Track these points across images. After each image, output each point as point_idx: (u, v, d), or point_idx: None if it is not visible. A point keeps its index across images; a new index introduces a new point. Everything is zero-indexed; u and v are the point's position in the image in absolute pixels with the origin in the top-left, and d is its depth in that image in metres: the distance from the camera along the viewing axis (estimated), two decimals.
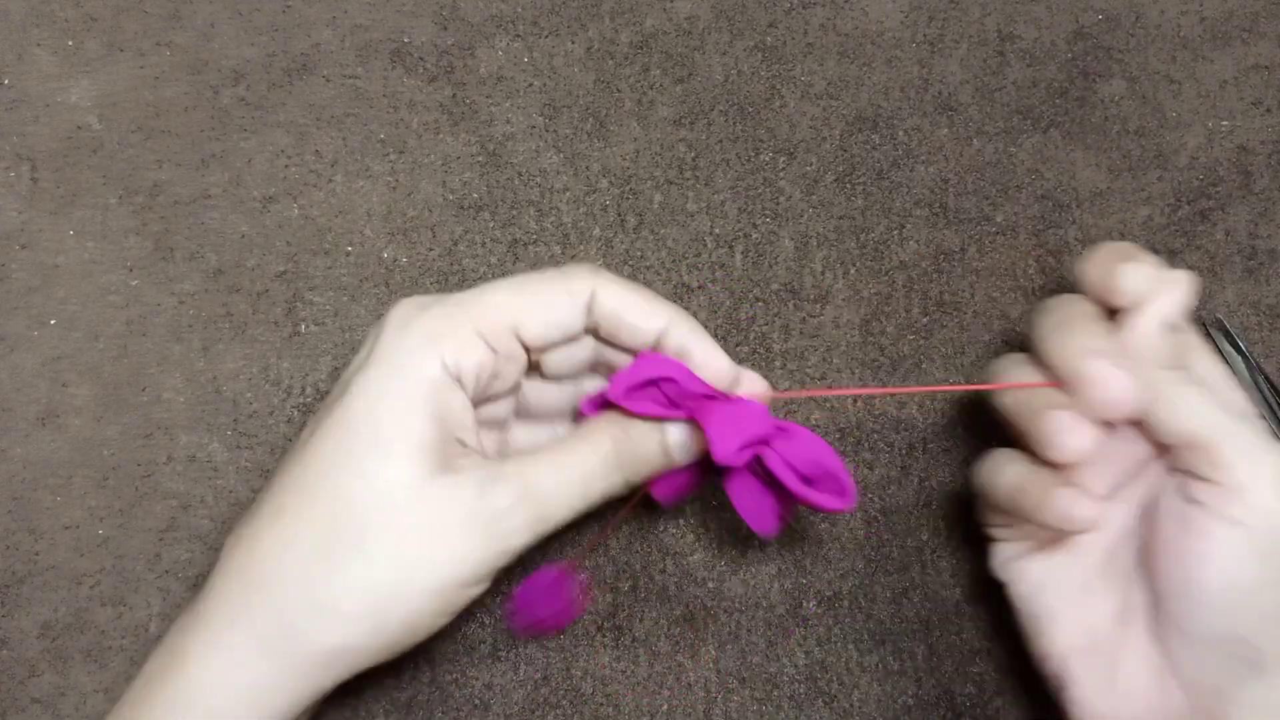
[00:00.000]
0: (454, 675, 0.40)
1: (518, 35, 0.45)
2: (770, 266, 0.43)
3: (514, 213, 0.43)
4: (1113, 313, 0.35)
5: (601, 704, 0.40)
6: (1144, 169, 0.45)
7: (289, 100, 0.43)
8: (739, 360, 0.36)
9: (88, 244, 0.42)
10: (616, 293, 0.33)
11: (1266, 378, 0.43)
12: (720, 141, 0.44)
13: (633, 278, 0.43)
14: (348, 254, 0.43)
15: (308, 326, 0.42)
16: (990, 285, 0.44)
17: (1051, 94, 0.45)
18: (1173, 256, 0.45)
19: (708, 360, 0.33)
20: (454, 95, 0.44)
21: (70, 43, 0.43)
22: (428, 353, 0.31)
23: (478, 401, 0.33)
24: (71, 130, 0.43)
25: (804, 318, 0.43)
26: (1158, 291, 0.33)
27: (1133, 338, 0.33)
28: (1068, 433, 0.32)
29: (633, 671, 0.41)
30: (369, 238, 0.43)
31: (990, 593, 0.42)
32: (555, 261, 0.43)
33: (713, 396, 0.33)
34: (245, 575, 0.30)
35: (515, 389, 0.35)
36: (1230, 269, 0.44)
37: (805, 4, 0.46)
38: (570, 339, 0.34)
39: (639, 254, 0.43)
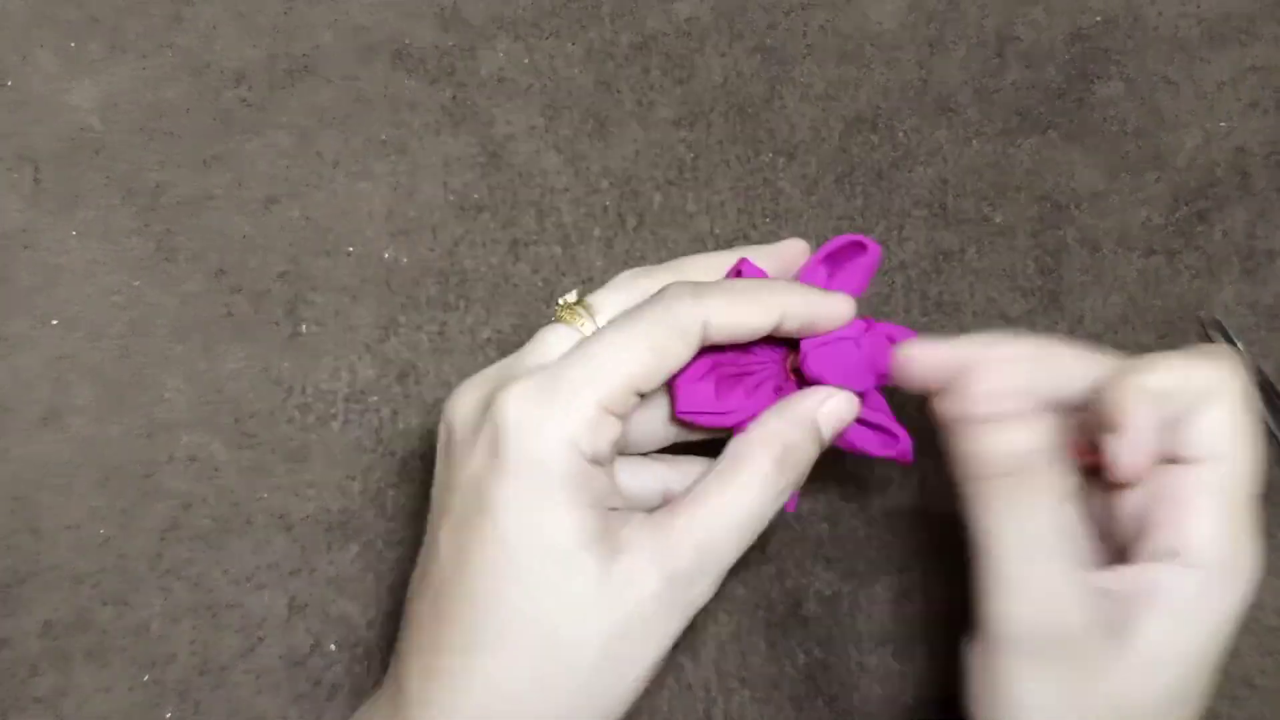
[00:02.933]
0: None
1: (518, 37, 0.45)
2: None
3: (514, 213, 0.44)
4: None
5: None
6: (1142, 170, 0.45)
7: (291, 101, 0.44)
8: None
9: (90, 244, 0.42)
10: (724, 310, 0.30)
11: (1265, 377, 0.43)
12: (720, 142, 0.44)
13: None
14: (349, 254, 0.43)
15: (309, 327, 0.42)
16: (990, 285, 0.44)
17: (1050, 95, 0.46)
18: (1171, 257, 0.45)
19: (831, 315, 0.31)
20: (455, 96, 0.44)
21: (73, 44, 0.43)
22: (567, 449, 0.29)
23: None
24: (74, 131, 0.43)
25: None
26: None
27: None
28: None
29: None
30: (370, 238, 0.43)
31: None
32: (556, 262, 0.43)
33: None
34: (455, 714, 0.29)
35: None
36: (1228, 269, 0.45)
37: (805, 5, 0.46)
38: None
39: (639, 254, 0.43)
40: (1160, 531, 0.29)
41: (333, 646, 0.40)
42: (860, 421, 0.33)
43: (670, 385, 0.32)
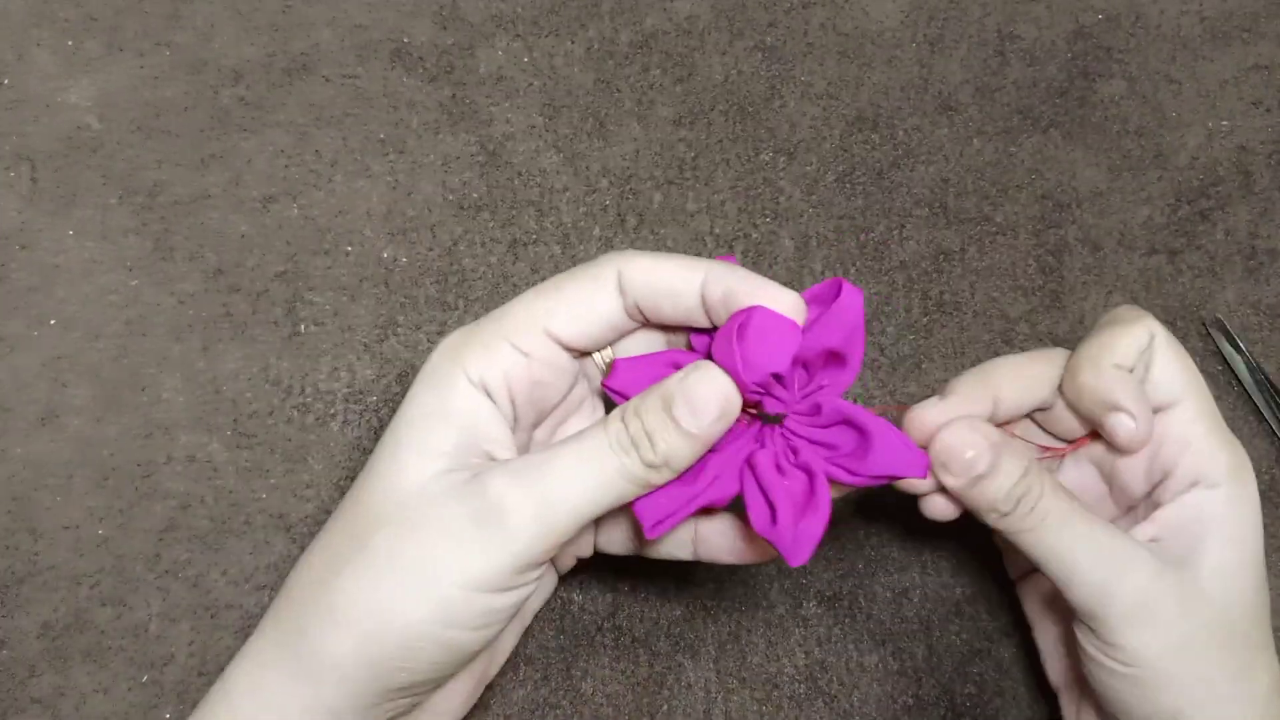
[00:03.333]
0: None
1: (518, 35, 0.45)
2: (770, 266, 0.43)
3: (514, 212, 0.43)
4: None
5: (601, 704, 0.40)
6: (1144, 169, 0.45)
7: (289, 100, 0.43)
8: None
9: (87, 244, 0.42)
10: (644, 264, 0.31)
11: (1266, 378, 0.43)
12: (720, 141, 0.44)
13: None
14: (347, 254, 0.43)
15: (307, 326, 0.42)
16: (990, 285, 0.44)
17: (1051, 94, 0.45)
18: (1173, 256, 0.45)
19: (760, 295, 0.30)
20: (454, 95, 0.44)
21: (70, 43, 0.43)
22: (452, 367, 0.30)
23: (532, 417, 0.32)
24: (71, 130, 0.43)
25: None
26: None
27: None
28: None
29: (633, 671, 0.41)
30: (369, 237, 0.43)
31: (990, 593, 0.42)
32: (555, 262, 0.43)
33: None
34: (283, 591, 0.30)
35: (581, 403, 0.34)
36: (1230, 269, 0.44)
37: (805, 4, 0.46)
38: (617, 330, 0.32)
39: None
40: (1175, 471, 0.32)
41: None
42: (763, 494, 0.31)
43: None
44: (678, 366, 0.31)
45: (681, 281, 0.30)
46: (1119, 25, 0.46)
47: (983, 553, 0.42)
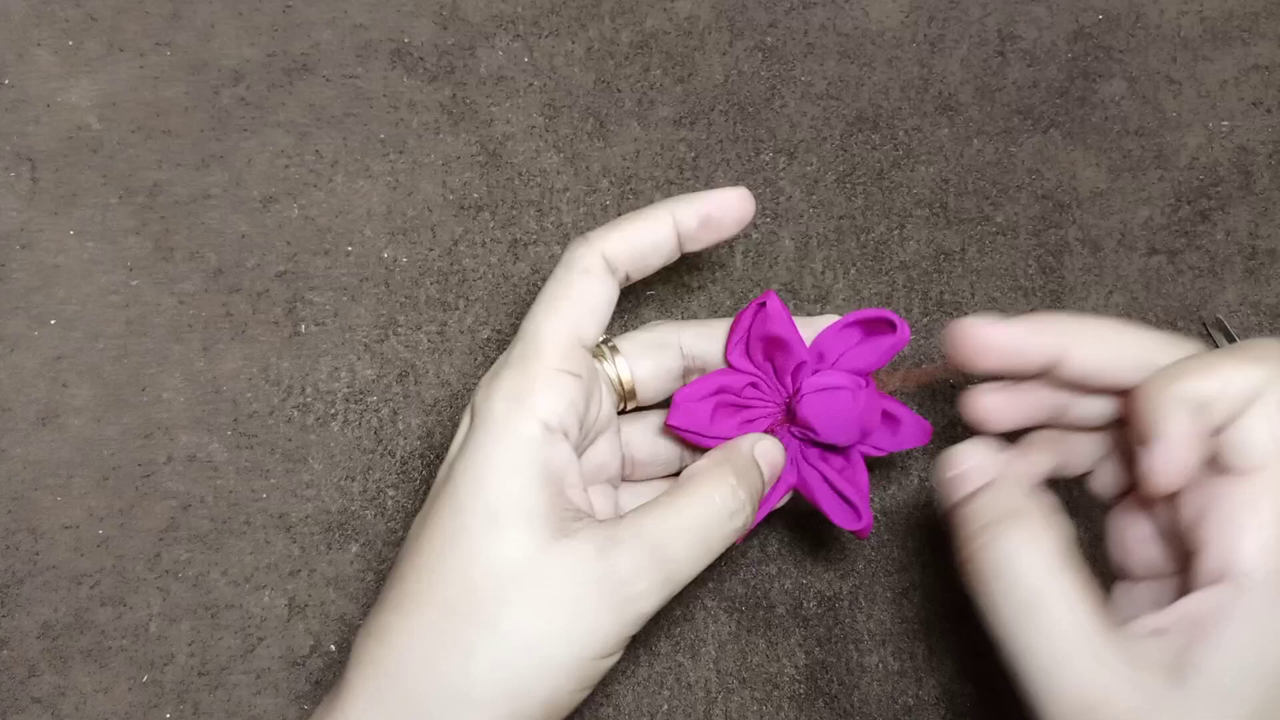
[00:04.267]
0: None
1: (518, 35, 0.45)
2: (770, 266, 0.43)
3: (514, 213, 0.43)
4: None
5: (601, 704, 0.40)
6: (1144, 169, 0.45)
7: (289, 100, 0.43)
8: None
9: (88, 244, 0.42)
10: (617, 236, 0.32)
11: None
12: (720, 141, 0.44)
13: None
14: (348, 254, 0.43)
15: (308, 326, 0.42)
16: (990, 285, 0.44)
17: (1052, 94, 0.45)
18: (1173, 256, 0.45)
19: (714, 199, 0.33)
20: (454, 95, 0.44)
21: (70, 43, 0.43)
22: (520, 412, 0.29)
23: (583, 444, 0.32)
24: (72, 130, 0.43)
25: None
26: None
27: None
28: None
29: (633, 671, 0.41)
30: (369, 237, 0.43)
31: None
32: (555, 262, 0.43)
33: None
34: (377, 668, 0.29)
35: (612, 423, 0.34)
36: (1230, 269, 0.44)
37: (805, 4, 0.46)
38: (611, 312, 0.33)
39: None
40: (1208, 551, 0.27)
41: (332, 647, 0.40)
42: (831, 486, 0.35)
43: (672, 398, 0.34)
44: (728, 391, 0.34)
45: (658, 233, 0.32)
46: (1119, 25, 0.46)
47: None
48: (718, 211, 0.33)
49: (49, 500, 0.40)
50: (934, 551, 0.42)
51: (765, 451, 0.33)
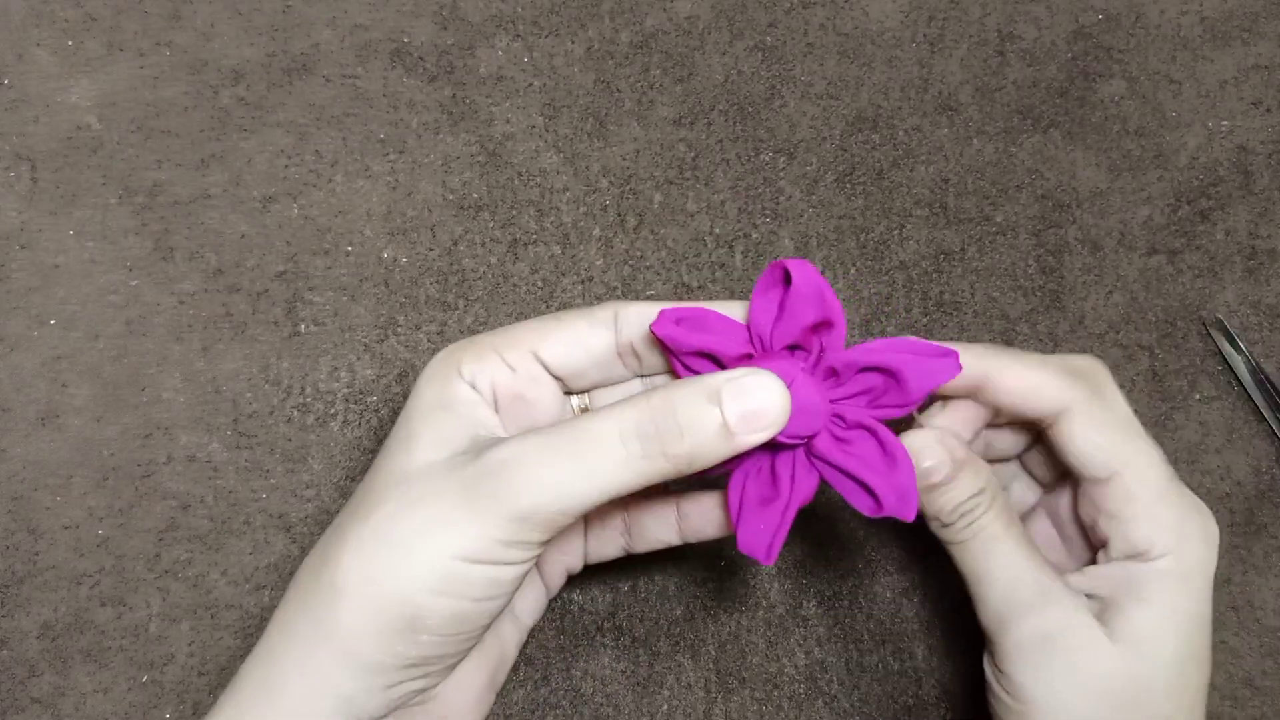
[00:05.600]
0: None
1: (518, 35, 0.45)
2: None
3: (514, 213, 0.43)
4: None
5: (601, 704, 0.40)
6: (1144, 169, 0.45)
7: (289, 100, 0.43)
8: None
9: (87, 244, 0.42)
10: (640, 306, 0.32)
11: (1267, 378, 0.43)
12: (720, 141, 0.44)
13: (632, 278, 0.43)
14: (347, 254, 0.43)
15: (307, 326, 0.42)
16: (990, 285, 0.44)
17: (1052, 94, 0.45)
18: (1173, 256, 0.45)
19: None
20: (454, 95, 0.44)
21: (70, 43, 0.43)
22: (448, 368, 0.32)
23: (513, 430, 0.32)
24: (71, 130, 0.43)
25: None
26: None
27: None
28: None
29: (633, 671, 0.41)
30: (369, 238, 0.43)
31: None
32: (555, 262, 0.43)
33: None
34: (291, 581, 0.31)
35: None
36: (1230, 269, 0.44)
37: (805, 4, 0.46)
38: (604, 371, 0.33)
39: (639, 254, 0.43)
40: (1111, 545, 0.32)
41: None
42: (844, 473, 0.31)
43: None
44: (724, 334, 0.31)
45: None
46: (1119, 25, 0.46)
47: None
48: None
49: (49, 500, 0.40)
50: (934, 552, 0.42)
51: (760, 386, 0.29)
